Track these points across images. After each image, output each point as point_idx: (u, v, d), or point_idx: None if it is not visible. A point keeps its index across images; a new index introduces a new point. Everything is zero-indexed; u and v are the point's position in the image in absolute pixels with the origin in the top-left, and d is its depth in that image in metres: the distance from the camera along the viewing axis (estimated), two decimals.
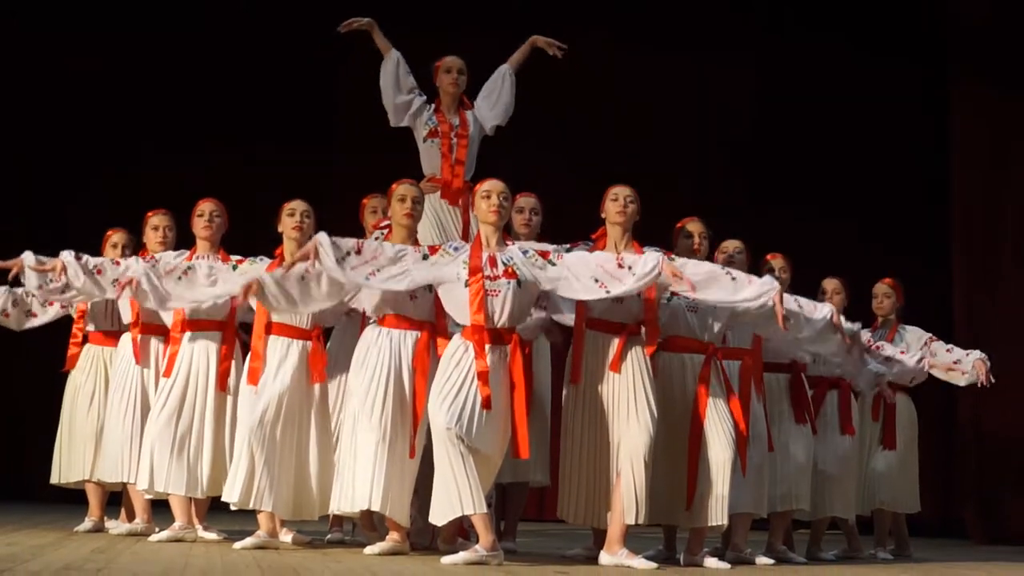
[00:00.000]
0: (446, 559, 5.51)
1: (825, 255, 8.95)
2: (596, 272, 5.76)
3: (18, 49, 10.68)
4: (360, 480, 5.86)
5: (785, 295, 6.04)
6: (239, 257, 6.46)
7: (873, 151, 10.67)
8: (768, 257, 6.90)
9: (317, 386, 6.24)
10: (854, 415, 7.23)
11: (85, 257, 6.38)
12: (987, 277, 9.80)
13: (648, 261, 5.72)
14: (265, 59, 10.70)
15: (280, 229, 6.35)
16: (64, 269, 6.27)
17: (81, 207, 10.26)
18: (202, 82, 10.70)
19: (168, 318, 6.54)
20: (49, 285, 6.30)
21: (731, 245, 6.59)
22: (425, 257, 5.83)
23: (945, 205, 10.12)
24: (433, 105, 7.09)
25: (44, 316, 7.18)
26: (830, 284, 7.32)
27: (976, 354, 7.37)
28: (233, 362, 6.44)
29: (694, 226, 6.30)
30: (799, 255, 7.09)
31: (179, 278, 6.28)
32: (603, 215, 6.11)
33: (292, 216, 6.30)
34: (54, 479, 7.17)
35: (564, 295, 5.90)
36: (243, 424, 6.12)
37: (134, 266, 6.31)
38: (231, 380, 6.40)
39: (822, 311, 6.15)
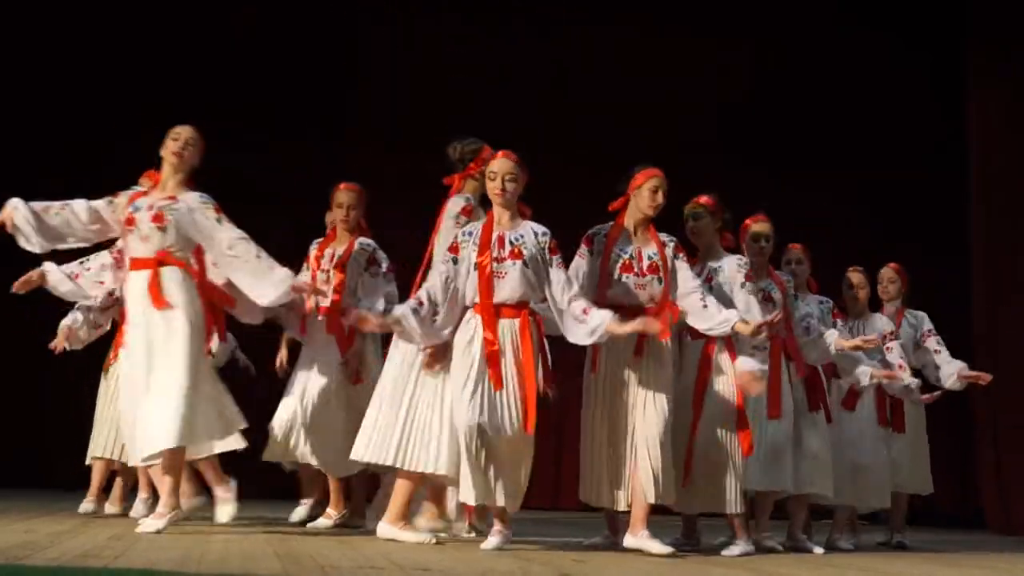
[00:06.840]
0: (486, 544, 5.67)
1: (838, 243, 8.94)
2: (564, 303, 5.75)
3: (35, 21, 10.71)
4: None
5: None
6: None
7: (892, 141, 10.66)
8: (790, 246, 6.91)
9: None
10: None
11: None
12: (1004, 272, 9.75)
13: (597, 318, 5.67)
14: (284, 42, 10.72)
15: (329, 220, 6.72)
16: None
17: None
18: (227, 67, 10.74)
19: None
20: (92, 317, 6.80)
21: (760, 232, 6.61)
22: (456, 262, 5.83)
23: (965, 194, 10.09)
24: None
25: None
26: (855, 277, 7.34)
27: (958, 364, 7.39)
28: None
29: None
30: (811, 241, 7.08)
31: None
32: (630, 194, 6.06)
33: (340, 208, 6.74)
34: (89, 458, 7.31)
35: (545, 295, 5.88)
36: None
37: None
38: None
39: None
